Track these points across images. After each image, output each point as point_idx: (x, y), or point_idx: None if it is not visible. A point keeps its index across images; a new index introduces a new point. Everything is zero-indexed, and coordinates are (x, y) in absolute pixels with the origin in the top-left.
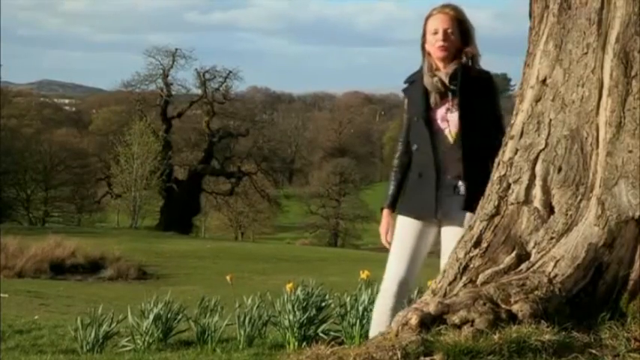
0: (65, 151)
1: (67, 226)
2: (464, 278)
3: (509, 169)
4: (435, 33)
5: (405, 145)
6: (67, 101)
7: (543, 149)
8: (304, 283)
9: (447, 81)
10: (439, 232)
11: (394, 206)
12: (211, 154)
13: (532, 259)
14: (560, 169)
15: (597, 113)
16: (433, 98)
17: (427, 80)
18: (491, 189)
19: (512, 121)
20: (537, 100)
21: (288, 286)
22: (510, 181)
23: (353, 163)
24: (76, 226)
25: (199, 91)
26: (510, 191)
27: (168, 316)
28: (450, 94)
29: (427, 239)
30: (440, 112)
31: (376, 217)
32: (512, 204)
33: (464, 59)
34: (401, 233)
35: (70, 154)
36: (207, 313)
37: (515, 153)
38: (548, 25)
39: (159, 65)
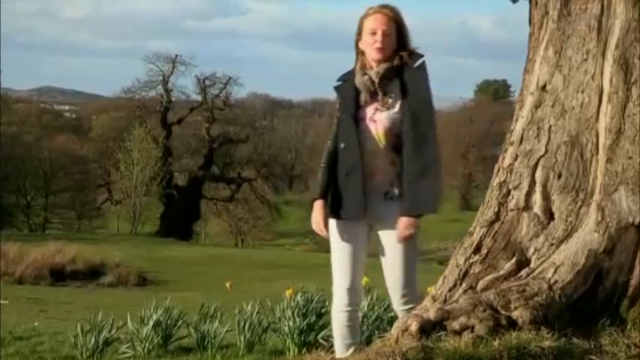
0: (65, 157)
1: (67, 233)
2: (464, 284)
3: (509, 175)
4: (373, 33)
5: (334, 144)
6: (67, 108)
7: (543, 155)
8: (304, 290)
9: (376, 80)
10: (371, 230)
11: (325, 198)
12: (211, 161)
13: (532, 265)
14: (560, 176)
15: (597, 119)
16: (363, 97)
17: (358, 79)
18: (491, 195)
19: (512, 127)
20: (537, 106)
21: (288, 293)
22: (510, 187)
23: None
24: (76, 232)
25: (199, 98)
26: (510, 197)
27: (168, 322)
28: (379, 94)
29: (362, 239)
30: (369, 112)
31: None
32: (512, 210)
33: (396, 61)
34: (337, 239)
35: (70, 161)
36: (207, 319)
37: (515, 159)
38: (547, 32)
39: (159, 72)
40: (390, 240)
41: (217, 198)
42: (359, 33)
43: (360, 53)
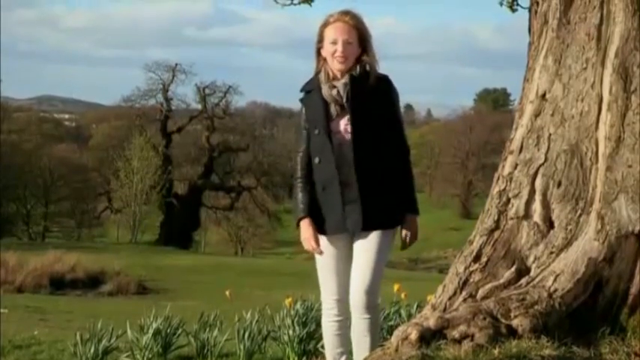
0: (65, 166)
1: (66, 241)
2: (464, 293)
3: (508, 183)
4: (334, 43)
5: (306, 157)
6: (67, 116)
7: (543, 164)
8: (304, 298)
9: (343, 93)
10: (353, 237)
11: (311, 214)
12: (211, 169)
13: (532, 273)
14: (559, 184)
15: (597, 128)
16: (333, 109)
17: (326, 91)
18: (491, 203)
19: (511, 136)
20: (537, 114)
21: (288, 301)
22: (510, 195)
23: None
24: (76, 240)
25: (199, 106)
26: (510, 206)
27: (168, 331)
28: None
29: (346, 249)
30: (342, 124)
31: None
32: (511, 218)
33: (358, 70)
34: (322, 253)
35: (70, 169)
36: (207, 327)
37: (515, 167)
38: (547, 40)
39: (159, 80)
40: (364, 245)
41: (217, 206)
42: (320, 41)
43: (322, 60)
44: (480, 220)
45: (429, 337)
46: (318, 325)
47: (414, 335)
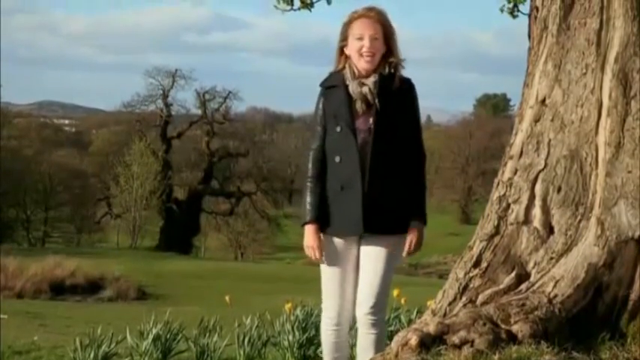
0: (65, 171)
1: (66, 247)
2: (464, 298)
3: (508, 189)
4: (360, 38)
5: (322, 155)
6: (67, 122)
7: (543, 169)
8: (304, 303)
9: (374, 90)
10: (359, 245)
11: (319, 220)
12: (211, 175)
13: (532, 279)
14: (559, 189)
15: (596, 133)
16: (359, 106)
17: (355, 87)
18: (491, 209)
19: (511, 141)
20: (537, 120)
21: (288, 306)
22: (510, 201)
23: None
24: (76, 246)
25: (199, 112)
26: (510, 211)
27: (168, 336)
28: (377, 106)
29: (354, 257)
30: (367, 122)
31: None
32: (511, 224)
33: (386, 70)
34: (329, 258)
35: (69, 175)
36: (207, 333)
37: (515, 173)
38: (547, 46)
39: (159, 86)
40: (374, 253)
41: (217, 212)
42: (344, 39)
43: (345, 58)
44: (479, 225)
45: (428, 343)
46: (318, 330)
47: (413, 341)
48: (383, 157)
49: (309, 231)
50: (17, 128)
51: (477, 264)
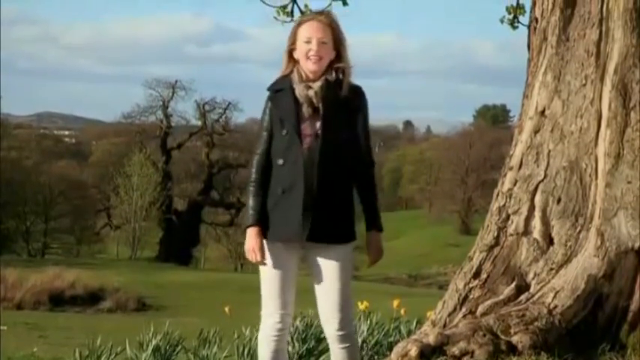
0: (65, 182)
1: (66, 258)
2: (463, 309)
3: (508, 199)
4: (308, 42)
5: (266, 159)
6: (67, 133)
7: (542, 180)
8: (303, 314)
9: (320, 93)
10: (301, 252)
11: (261, 223)
12: (211, 185)
13: (532, 290)
14: (559, 200)
15: (596, 144)
16: (305, 110)
17: (301, 91)
18: (491, 220)
19: (511, 152)
20: (536, 131)
21: None
22: (510, 212)
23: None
24: (76, 257)
25: (199, 123)
26: (510, 222)
27: (167, 347)
28: (322, 110)
29: (295, 261)
30: (313, 126)
31: None
32: (511, 235)
33: (333, 75)
34: (271, 262)
35: (69, 186)
36: (206, 344)
37: (515, 184)
38: (546, 57)
39: (159, 97)
40: (328, 265)
41: (217, 223)
42: (293, 42)
43: (293, 62)
44: (479, 236)
45: (428, 354)
46: (318, 341)
47: (413, 352)
48: (329, 163)
49: (251, 234)
50: (17, 139)
51: (476, 275)
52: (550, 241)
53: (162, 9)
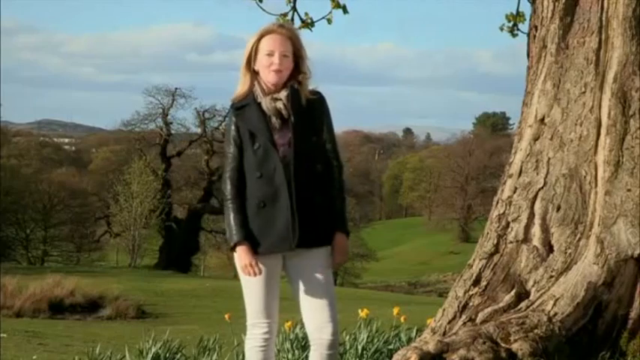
0: (64, 190)
1: (66, 265)
2: (463, 317)
3: (508, 207)
4: (270, 54)
5: (239, 175)
6: (66, 140)
7: (542, 188)
8: (303, 322)
9: (288, 104)
10: (283, 260)
11: (248, 238)
12: (211, 193)
13: (531, 297)
14: (559, 208)
15: (596, 152)
16: (275, 122)
17: (268, 104)
18: (491, 227)
19: (510, 160)
20: (536, 138)
21: (287, 325)
22: (509, 219)
23: (352, 201)
24: (75, 265)
25: (199, 130)
26: (509, 230)
27: (167, 355)
28: (292, 120)
29: (277, 270)
30: (284, 137)
31: (376, 256)
32: (511, 242)
33: (296, 85)
34: (250, 278)
35: (69, 194)
36: (206, 352)
37: (514, 191)
38: (546, 65)
39: (158, 104)
40: (310, 269)
41: (217, 230)
42: (255, 54)
43: (253, 74)
44: (479, 243)
45: None
46: None
47: (413, 359)
48: (304, 170)
49: (243, 250)
50: (17, 147)
51: (476, 282)
52: (550, 249)
53: (163, 18)
